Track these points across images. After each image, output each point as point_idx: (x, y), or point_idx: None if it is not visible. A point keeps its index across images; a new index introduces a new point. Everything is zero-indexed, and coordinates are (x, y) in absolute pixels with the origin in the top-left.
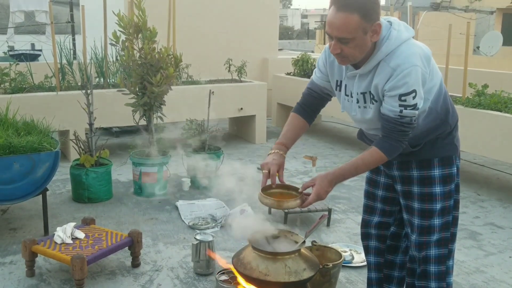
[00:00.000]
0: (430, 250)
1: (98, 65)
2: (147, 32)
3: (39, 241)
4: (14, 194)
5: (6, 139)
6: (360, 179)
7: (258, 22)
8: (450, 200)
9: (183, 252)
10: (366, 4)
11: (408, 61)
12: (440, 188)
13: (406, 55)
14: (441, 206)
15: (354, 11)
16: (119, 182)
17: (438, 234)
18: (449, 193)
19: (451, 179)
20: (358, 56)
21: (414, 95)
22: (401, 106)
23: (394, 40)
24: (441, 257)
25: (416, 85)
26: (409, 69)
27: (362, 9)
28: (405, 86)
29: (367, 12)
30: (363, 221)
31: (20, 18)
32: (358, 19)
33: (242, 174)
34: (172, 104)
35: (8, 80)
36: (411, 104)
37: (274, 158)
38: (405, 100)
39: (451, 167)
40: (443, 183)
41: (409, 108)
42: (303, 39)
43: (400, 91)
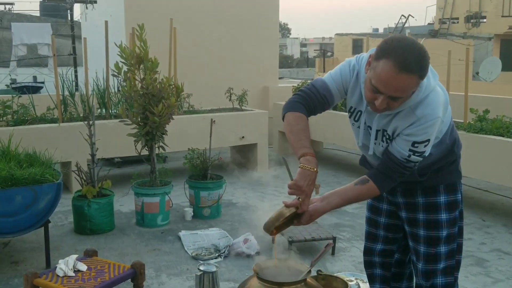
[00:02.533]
0: (437, 278)
1: (100, 96)
2: (149, 63)
3: (41, 274)
4: (16, 226)
5: (8, 172)
6: (363, 206)
7: (258, 51)
8: (455, 227)
9: (186, 283)
10: (425, 65)
11: (433, 113)
12: (446, 215)
13: (432, 106)
14: (447, 233)
15: (416, 72)
16: (121, 213)
17: (444, 262)
18: (454, 220)
19: (456, 205)
20: (396, 107)
21: (427, 143)
22: (411, 151)
23: (424, 89)
24: (448, 285)
25: (432, 136)
26: (433, 121)
27: (421, 70)
28: (423, 136)
29: (424, 72)
30: (365, 249)
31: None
32: (416, 80)
33: (245, 203)
34: (174, 133)
35: (10, 113)
36: (421, 151)
37: (310, 183)
38: (417, 147)
39: (456, 194)
40: (448, 210)
41: (417, 154)
42: (303, 67)
43: (416, 139)
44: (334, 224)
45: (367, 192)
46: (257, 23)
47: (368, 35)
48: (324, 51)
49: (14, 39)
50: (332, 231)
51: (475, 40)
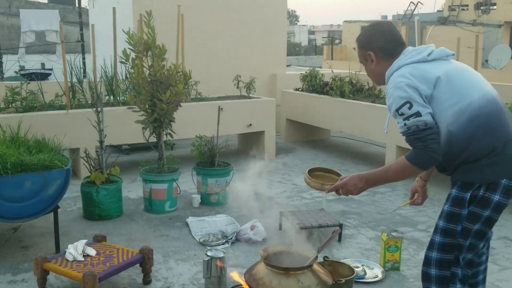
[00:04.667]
0: (431, 268)
1: (108, 83)
2: (157, 50)
3: (50, 258)
4: (25, 212)
5: (18, 157)
6: (371, 194)
7: (266, 39)
8: (456, 225)
9: (194, 268)
10: (361, 36)
11: (393, 81)
12: (449, 208)
13: (394, 77)
14: (443, 225)
15: (356, 41)
16: (129, 199)
17: (437, 252)
18: (458, 216)
19: (463, 204)
20: (372, 78)
21: (409, 105)
22: (403, 118)
23: (393, 66)
24: (442, 278)
25: (406, 97)
26: (393, 87)
27: (358, 40)
28: (395, 102)
29: (360, 42)
30: None
31: (31, 38)
32: (357, 48)
33: (252, 191)
34: (181, 121)
35: (19, 99)
36: (411, 113)
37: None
38: (403, 113)
39: (466, 192)
40: (453, 205)
41: (411, 118)
42: (311, 55)
43: (394, 106)
44: (341, 212)
45: (400, 164)
46: (265, 10)
47: None
48: (332, 39)
49: (23, 25)
50: (339, 218)
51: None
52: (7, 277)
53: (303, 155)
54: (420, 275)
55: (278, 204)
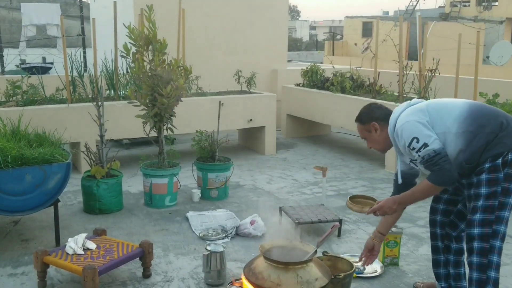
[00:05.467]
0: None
1: (108, 77)
2: (157, 44)
3: (50, 252)
4: (26, 205)
5: (19, 151)
6: (370, 189)
7: (267, 34)
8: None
9: (194, 262)
10: (361, 114)
11: (400, 125)
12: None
13: (399, 124)
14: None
15: (357, 121)
16: (129, 194)
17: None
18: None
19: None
20: (377, 147)
21: (416, 140)
22: (416, 152)
23: (390, 125)
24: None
25: (414, 133)
26: (400, 132)
27: (359, 118)
28: (406, 141)
29: (362, 119)
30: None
31: (32, 32)
32: (359, 125)
33: (252, 186)
34: (182, 115)
35: (20, 93)
36: (419, 146)
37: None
38: (414, 147)
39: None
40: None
41: (421, 149)
42: (312, 50)
43: (406, 144)
44: (340, 207)
45: (424, 186)
46: (267, 5)
47: (378, 18)
48: (333, 34)
49: (24, 19)
50: (338, 214)
51: (487, 24)
52: (7, 270)
53: (304, 150)
54: (418, 270)
55: (278, 199)
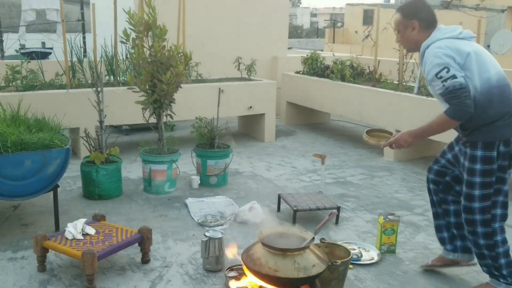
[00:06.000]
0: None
1: (108, 63)
2: (157, 30)
3: (50, 236)
4: (25, 190)
5: (18, 136)
6: (369, 177)
7: (268, 21)
8: (491, 177)
9: (192, 248)
10: (407, 6)
11: (432, 51)
12: (480, 166)
13: (432, 47)
14: (480, 180)
15: (398, 11)
16: (129, 180)
17: (479, 202)
18: (490, 171)
19: (491, 160)
20: (406, 45)
21: (447, 70)
22: (442, 81)
23: (431, 38)
24: (485, 221)
25: (444, 63)
26: (433, 56)
27: (402, 10)
28: (435, 66)
29: (405, 11)
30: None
31: (32, 16)
32: (399, 17)
33: (251, 173)
34: (181, 102)
35: (19, 78)
36: (448, 76)
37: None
38: (441, 76)
39: (492, 151)
40: (483, 163)
41: (448, 80)
42: (313, 37)
43: (434, 70)
44: (339, 195)
45: (441, 118)
46: None
47: (379, 6)
48: (334, 22)
49: (23, 4)
50: (336, 201)
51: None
52: (7, 254)
53: (303, 138)
54: (415, 258)
55: (276, 186)
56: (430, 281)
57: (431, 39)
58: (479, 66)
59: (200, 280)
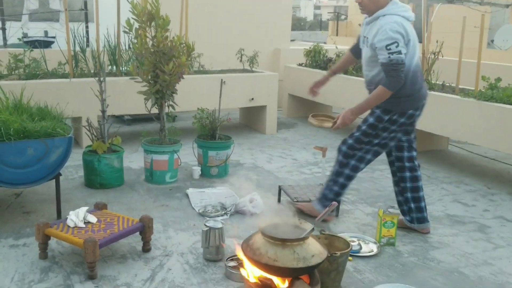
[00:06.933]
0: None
1: (111, 53)
2: (160, 20)
3: (52, 224)
4: (27, 178)
5: (21, 124)
6: (370, 171)
7: (271, 13)
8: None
9: (193, 238)
10: None
11: (389, 23)
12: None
13: (390, 21)
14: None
15: None
16: (130, 169)
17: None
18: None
19: (381, 120)
20: (371, 8)
21: (397, 44)
22: (389, 53)
23: (387, 10)
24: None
25: (396, 38)
26: (389, 28)
27: None
28: (388, 38)
29: None
30: None
31: (34, 5)
32: None
33: (252, 164)
34: (183, 93)
35: (22, 66)
36: (396, 50)
37: (319, 79)
38: (390, 48)
39: (387, 115)
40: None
41: (395, 53)
42: (316, 30)
43: (385, 42)
44: None
45: (379, 91)
46: None
47: None
48: (338, 14)
49: None
50: None
51: (492, 7)
52: (9, 241)
53: (304, 130)
54: (414, 251)
55: (277, 178)
56: (428, 274)
57: (389, 11)
58: (411, 51)
59: (200, 270)
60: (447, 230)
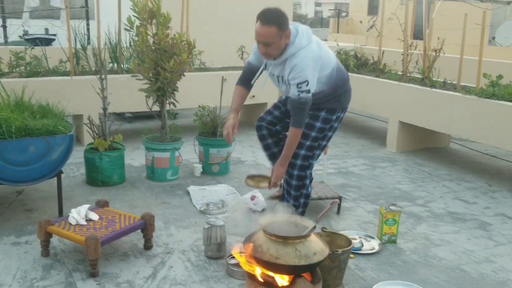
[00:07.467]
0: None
1: (112, 51)
2: (161, 18)
3: (54, 222)
4: (29, 176)
5: (22, 122)
6: (371, 168)
7: None
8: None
9: (194, 235)
10: (280, 19)
11: (303, 62)
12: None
13: (302, 58)
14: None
15: (273, 24)
16: (132, 167)
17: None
18: (323, 130)
19: (329, 121)
20: (277, 54)
21: (307, 83)
22: (299, 91)
23: (296, 46)
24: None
25: (308, 77)
26: (304, 67)
27: (278, 23)
28: (300, 78)
29: (281, 24)
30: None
31: (35, 2)
32: (275, 30)
33: (253, 162)
34: (184, 90)
35: (23, 64)
36: (305, 89)
37: (230, 122)
38: (301, 87)
39: (332, 115)
40: (322, 122)
41: (304, 92)
42: (317, 27)
43: (297, 81)
44: (340, 185)
45: (292, 135)
46: None
47: None
48: (339, 11)
49: None
50: (338, 191)
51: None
52: (11, 239)
53: None
54: (415, 248)
55: None
56: (430, 271)
57: (296, 48)
58: (325, 59)
59: (202, 267)
60: (448, 228)
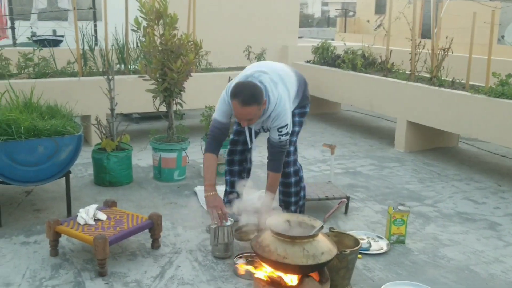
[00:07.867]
0: None
1: (119, 51)
2: (168, 19)
3: (62, 221)
4: (38, 176)
5: (31, 123)
6: (379, 168)
7: (278, 9)
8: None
9: (201, 236)
10: (257, 96)
11: (282, 110)
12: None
13: (280, 106)
14: (298, 130)
15: (253, 104)
16: (139, 167)
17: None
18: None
19: (305, 114)
20: (260, 114)
21: (287, 127)
22: (279, 135)
23: (272, 102)
24: None
25: (287, 122)
26: (283, 114)
27: (257, 101)
28: (281, 122)
29: (259, 100)
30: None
31: (43, 4)
32: (256, 107)
33: (260, 162)
34: (191, 91)
35: (32, 65)
36: (285, 132)
37: (217, 200)
38: (281, 131)
39: (305, 108)
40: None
41: (285, 135)
42: (324, 27)
43: (278, 125)
44: (348, 185)
45: (273, 180)
46: None
47: None
48: (346, 11)
49: None
50: (346, 191)
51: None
52: (20, 238)
53: (313, 128)
54: (424, 248)
55: None
56: (439, 272)
57: (274, 99)
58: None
59: (209, 267)
60: (457, 228)
